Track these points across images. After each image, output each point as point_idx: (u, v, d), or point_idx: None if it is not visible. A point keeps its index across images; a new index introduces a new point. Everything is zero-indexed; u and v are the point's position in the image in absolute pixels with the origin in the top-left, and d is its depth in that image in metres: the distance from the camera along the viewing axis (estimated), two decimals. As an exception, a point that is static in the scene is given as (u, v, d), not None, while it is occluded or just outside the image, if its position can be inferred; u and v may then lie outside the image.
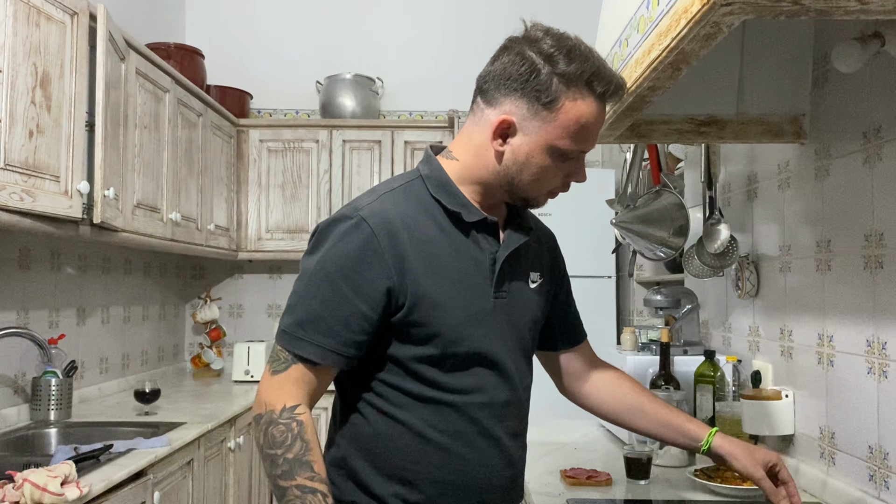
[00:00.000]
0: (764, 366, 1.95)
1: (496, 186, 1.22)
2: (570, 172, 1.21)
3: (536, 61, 1.13)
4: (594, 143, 1.20)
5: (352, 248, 1.15)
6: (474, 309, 1.20)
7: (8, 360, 2.43)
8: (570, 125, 1.14)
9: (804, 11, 0.92)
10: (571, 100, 1.13)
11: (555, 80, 1.13)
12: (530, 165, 1.18)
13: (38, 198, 1.96)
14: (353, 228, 1.16)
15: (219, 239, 3.58)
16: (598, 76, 1.13)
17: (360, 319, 1.15)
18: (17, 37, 1.89)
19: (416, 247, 1.17)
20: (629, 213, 2.35)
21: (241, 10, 4.25)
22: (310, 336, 1.14)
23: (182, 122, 3.11)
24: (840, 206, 1.61)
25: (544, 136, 1.15)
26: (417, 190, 1.22)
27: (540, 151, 1.17)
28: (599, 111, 1.16)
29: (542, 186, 1.21)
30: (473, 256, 1.22)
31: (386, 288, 1.15)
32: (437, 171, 1.23)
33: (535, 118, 1.15)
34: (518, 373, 1.28)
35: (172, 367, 3.89)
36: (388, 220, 1.16)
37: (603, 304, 3.60)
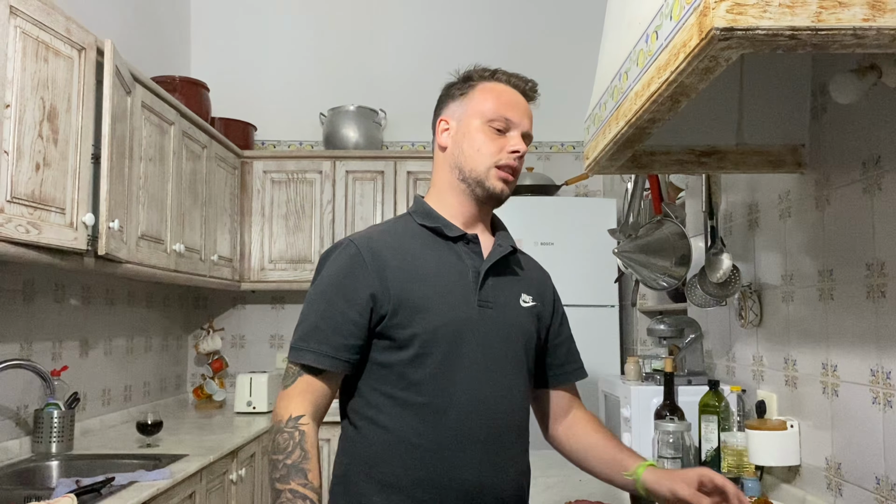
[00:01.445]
0: (769, 395, 1.94)
1: (459, 187, 1.38)
2: (507, 142, 1.36)
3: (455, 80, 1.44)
4: (515, 113, 1.37)
5: (341, 264, 1.33)
6: (457, 315, 1.31)
7: (10, 392, 2.43)
8: (484, 96, 1.38)
9: (801, 45, 0.93)
10: (482, 84, 1.39)
11: (466, 82, 1.41)
12: (469, 138, 1.36)
13: (44, 230, 1.98)
14: (343, 250, 1.34)
15: (222, 269, 3.59)
16: (500, 71, 1.40)
17: (350, 325, 1.29)
18: (25, 72, 1.92)
19: (399, 260, 1.32)
20: (631, 243, 2.36)
21: (245, 44, 4.31)
22: (310, 346, 1.29)
23: (187, 154, 3.13)
24: (841, 236, 1.62)
25: (467, 112, 1.38)
26: (405, 221, 1.42)
27: (472, 124, 1.37)
28: (508, 88, 1.39)
29: (486, 156, 1.35)
30: (457, 269, 1.35)
31: (370, 294, 1.29)
32: (420, 204, 1.43)
33: (459, 107, 1.40)
34: (507, 379, 1.34)
35: (174, 398, 3.88)
36: (373, 241, 1.35)
37: (606, 333, 3.59)
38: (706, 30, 0.91)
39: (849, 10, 0.89)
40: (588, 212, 3.66)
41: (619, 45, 1.41)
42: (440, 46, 4.29)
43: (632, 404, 2.21)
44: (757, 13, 0.90)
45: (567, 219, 3.63)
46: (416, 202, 1.45)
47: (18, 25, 1.89)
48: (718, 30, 0.90)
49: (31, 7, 1.94)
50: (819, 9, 0.89)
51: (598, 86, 1.61)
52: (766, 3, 0.90)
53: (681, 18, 1.00)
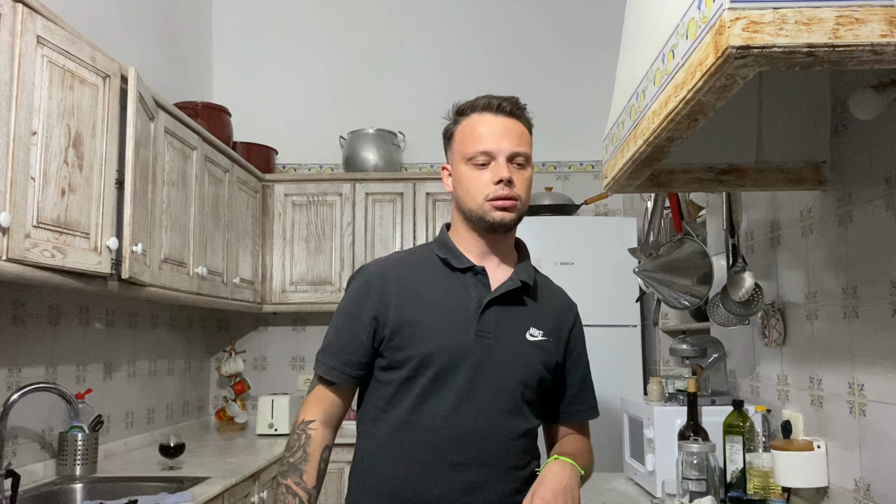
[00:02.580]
0: (794, 415, 1.91)
1: (467, 224, 1.46)
2: (491, 176, 1.40)
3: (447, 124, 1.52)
4: (490, 143, 1.41)
5: (355, 288, 1.47)
6: (451, 342, 1.39)
7: (36, 416, 2.45)
8: (461, 137, 1.45)
9: (818, 63, 0.93)
10: (459, 125, 1.47)
11: (452, 124, 1.50)
12: (459, 182, 1.45)
13: (69, 254, 2.00)
14: (360, 276, 1.49)
15: (244, 292, 3.61)
16: (478, 99, 1.46)
17: (356, 343, 1.43)
18: (51, 100, 1.96)
19: (405, 287, 1.43)
20: (652, 262, 2.35)
21: (266, 70, 4.37)
22: (325, 359, 1.45)
23: (209, 179, 3.17)
24: (865, 253, 1.60)
25: (455, 157, 1.47)
26: (426, 250, 1.52)
27: (458, 168, 1.45)
28: (480, 120, 1.44)
29: (476, 195, 1.41)
30: (461, 298, 1.43)
31: (373, 316, 1.42)
32: (442, 235, 1.52)
33: (450, 152, 1.51)
34: (493, 410, 1.39)
35: (197, 420, 3.89)
36: (384, 269, 1.47)
37: (628, 353, 3.56)
38: (722, 48, 0.91)
39: (866, 27, 0.89)
40: (608, 231, 3.65)
41: (636, 64, 1.41)
42: (457, 69, 4.32)
43: (655, 425, 2.19)
44: (773, 31, 0.90)
45: (587, 238, 3.62)
46: (440, 232, 1.54)
47: (45, 55, 1.94)
48: (735, 48, 0.90)
49: (57, 37, 1.98)
50: (836, 25, 0.89)
51: (616, 105, 1.61)
52: (783, 20, 0.90)
53: (697, 37, 1.01)
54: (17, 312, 2.38)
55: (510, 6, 4.38)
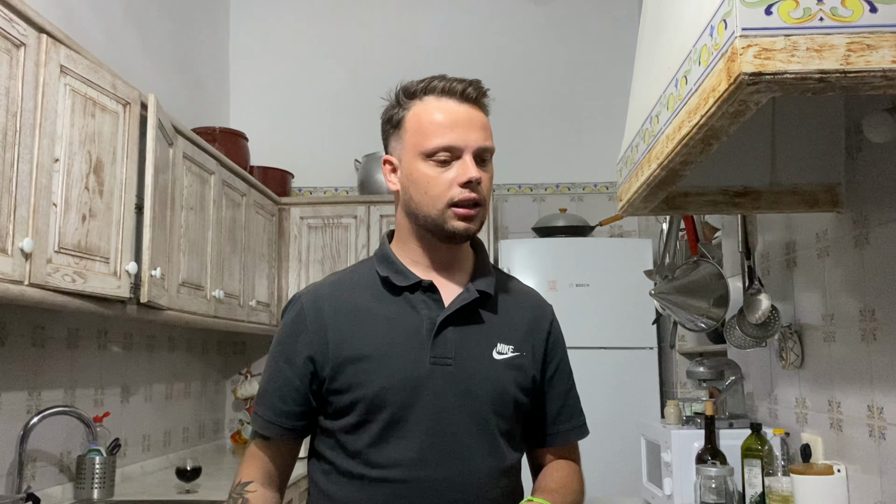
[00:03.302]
0: (813, 439, 1.90)
1: (418, 232, 1.23)
2: (456, 175, 1.17)
3: (387, 106, 1.26)
4: (456, 134, 1.17)
5: (286, 324, 1.25)
6: (403, 374, 1.16)
7: (55, 439, 2.47)
8: (418, 126, 1.19)
9: (830, 88, 0.94)
10: (412, 109, 1.21)
11: (399, 108, 1.23)
12: (413, 181, 1.19)
13: (89, 279, 2.03)
14: (290, 308, 1.25)
15: (260, 315, 3.63)
16: (434, 79, 1.21)
17: (291, 390, 1.21)
18: (73, 127, 2.00)
19: (342, 316, 1.21)
20: (668, 284, 2.34)
21: (282, 95, 4.43)
22: (259, 409, 1.24)
23: (226, 203, 3.21)
24: (882, 275, 1.59)
25: (407, 150, 1.20)
26: (364, 267, 1.29)
27: (412, 164, 1.19)
28: (440, 107, 1.18)
29: (436, 198, 1.17)
30: (410, 322, 1.20)
31: (307, 356, 1.20)
32: (382, 247, 1.28)
33: (398, 143, 1.23)
34: (465, 448, 1.17)
35: (213, 443, 3.90)
36: (318, 296, 1.24)
37: (645, 376, 3.54)
38: (734, 75, 0.92)
39: (877, 53, 0.90)
40: (623, 252, 3.64)
41: (649, 88, 1.43)
42: (472, 92, 4.36)
43: (672, 449, 2.17)
44: (785, 57, 0.91)
45: (602, 260, 3.62)
46: (381, 244, 1.29)
47: (68, 83, 1.98)
48: (747, 75, 0.91)
49: (80, 66, 2.02)
50: (847, 52, 0.90)
51: (630, 128, 1.63)
52: (794, 47, 0.91)
53: (709, 64, 1.02)
54: (37, 336, 2.41)
55: (524, 29, 4.42)
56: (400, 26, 4.45)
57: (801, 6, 0.92)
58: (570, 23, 4.36)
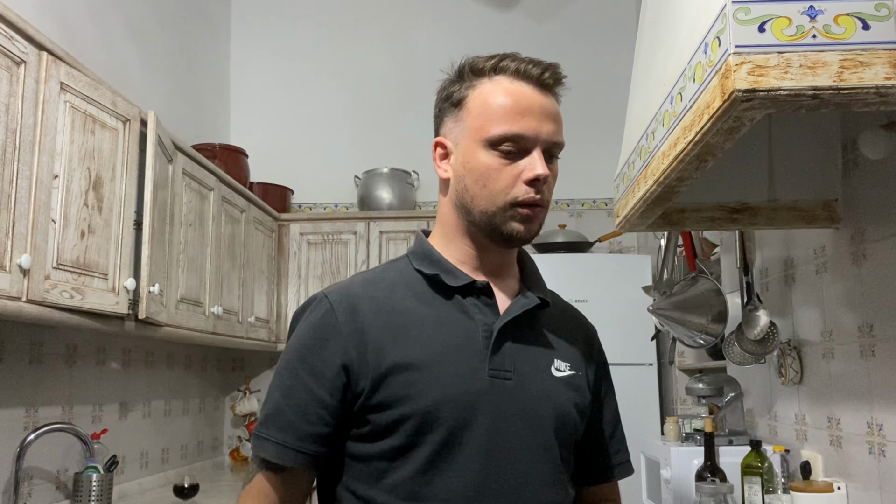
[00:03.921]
0: (813, 456, 1.89)
1: (468, 230, 1.06)
2: (522, 170, 1.01)
3: (447, 79, 1.10)
4: (528, 123, 1.01)
5: (309, 327, 1.03)
6: (460, 388, 0.97)
7: (52, 456, 2.46)
8: (486, 108, 1.02)
9: (824, 105, 0.94)
10: (480, 88, 1.04)
11: (462, 84, 1.06)
12: (471, 171, 1.02)
13: (87, 295, 2.03)
14: (314, 309, 1.04)
15: (259, 331, 3.63)
16: (507, 57, 1.04)
17: (317, 407, 0.98)
18: (73, 144, 2.00)
19: (383, 318, 1.00)
20: (666, 300, 2.34)
21: (282, 111, 4.45)
22: (270, 433, 0.99)
23: (226, 219, 3.21)
24: (880, 291, 1.59)
25: (468, 134, 1.03)
26: (400, 266, 1.10)
27: (472, 150, 1.02)
28: (518, 87, 1.02)
29: (496, 194, 1.01)
30: (463, 328, 1.01)
31: (341, 365, 0.98)
32: (420, 244, 1.10)
33: (456, 125, 1.05)
34: (533, 481, 1.00)
35: (211, 460, 3.88)
36: (351, 295, 1.03)
37: (645, 392, 3.53)
38: (728, 92, 0.93)
39: (870, 70, 0.90)
40: (622, 268, 3.64)
41: (645, 105, 1.43)
42: (471, 109, 4.37)
43: (672, 466, 2.16)
44: (778, 74, 0.92)
45: (601, 276, 3.62)
46: (416, 240, 1.12)
47: (68, 100, 1.99)
48: (741, 91, 0.92)
49: (80, 83, 2.03)
50: (840, 69, 0.91)
51: (626, 145, 1.63)
52: (787, 64, 0.92)
53: (703, 80, 1.02)
54: (35, 353, 2.40)
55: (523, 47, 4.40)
56: (398, 44, 4.47)
57: (794, 23, 0.93)
58: (568, 41, 4.38)
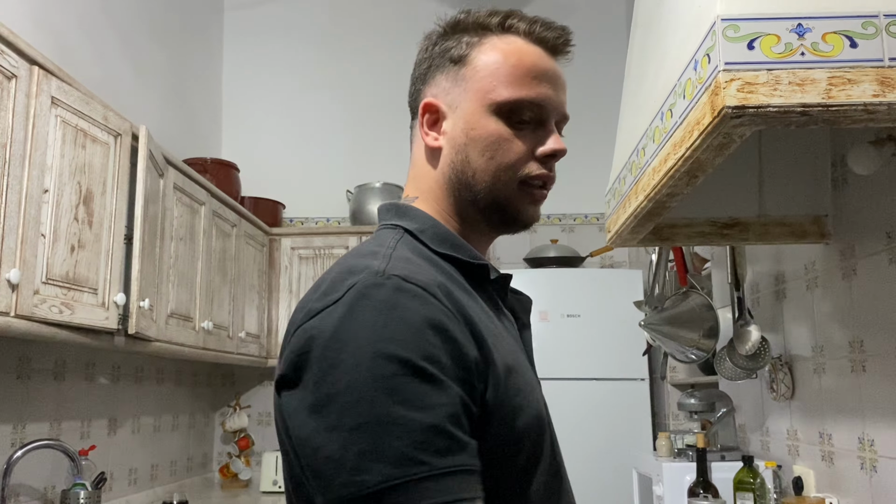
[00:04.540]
0: (805, 471, 1.89)
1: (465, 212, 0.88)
2: (536, 143, 0.85)
3: (438, 31, 0.91)
4: (546, 90, 0.86)
5: (415, 315, 0.70)
6: (538, 397, 0.82)
7: (39, 473, 2.43)
8: (499, 68, 0.85)
9: (813, 122, 0.95)
10: (489, 45, 0.86)
11: (463, 36, 0.88)
12: (475, 140, 0.84)
13: (77, 310, 2.02)
14: (398, 292, 0.71)
15: (249, 346, 3.61)
16: (514, 15, 0.88)
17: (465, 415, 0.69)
18: (64, 158, 2.00)
19: (468, 304, 0.77)
20: (658, 315, 2.34)
21: (274, 126, 4.45)
22: (434, 464, 0.64)
23: (216, 233, 3.20)
24: (870, 307, 1.60)
25: (473, 96, 0.85)
26: (415, 247, 0.83)
27: (477, 116, 0.85)
28: (533, 50, 0.86)
29: (507, 168, 0.84)
30: (507, 327, 0.85)
31: (472, 359, 0.72)
32: (429, 221, 0.86)
33: (456, 84, 0.87)
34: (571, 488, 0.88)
35: (201, 477, 3.85)
36: (432, 276, 0.76)
37: (637, 407, 3.52)
38: (718, 108, 0.94)
39: (858, 87, 0.91)
40: (614, 283, 3.65)
41: (636, 121, 1.44)
42: (463, 124, 4.39)
43: (664, 482, 2.15)
44: (767, 91, 0.92)
45: (593, 290, 3.62)
46: (414, 216, 0.87)
47: (59, 115, 1.98)
48: (730, 108, 0.93)
49: (71, 97, 2.03)
50: (829, 86, 0.92)
51: (617, 160, 1.64)
52: (776, 81, 0.92)
53: (693, 97, 1.03)
54: (22, 368, 2.38)
55: (514, 63, 4.46)
56: (390, 59, 4.49)
57: (782, 41, 0.93)
58: (560, 56, 4.41)
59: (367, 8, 4.56)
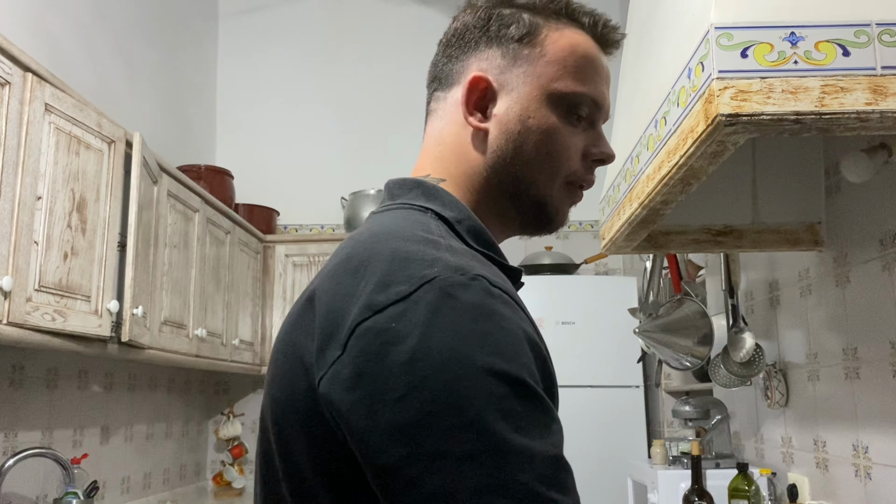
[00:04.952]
0: (800, 479, 1.88)
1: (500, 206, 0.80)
2: (588, 144, 0.80)
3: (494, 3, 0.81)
4: (606, 91, 0.82)
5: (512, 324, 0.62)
6: None
7: (31, 481, 2.42)
8: (568, 56, 0.78)
9: (806, 130, 0.95)
10: (556, 30, 0.79)
11: (523, 13, 0.79)
12: (532, 131, 0.77)
13: (69, 318, 2.01)
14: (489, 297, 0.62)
15: (243, 354, 3.60)
16: (576, 5, 0.81)
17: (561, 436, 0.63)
18: (57, 165, 1.99)
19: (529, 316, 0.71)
20: (652, 322, 2.34)
21: (269, 133, 4.45)
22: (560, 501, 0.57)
23: (210, 240, 3.19)
24: (863, 314, 1.60)
25: (535, 81, 0.78)
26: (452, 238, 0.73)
27: (537, 104, 0.77)
28: (596, 48, 0.81)
29: (558, 165, 0.78)
30: None
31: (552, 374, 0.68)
32: (465, 212, 0.77)
33: (516, 63, 0.78)
34: None
35: (194, 485, 3.83)
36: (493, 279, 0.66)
37: (631, 415, 3.52)
38: (712, 116, 0.94)
39: (851, 95, 0.91)
40: (608, 290, 3.65)
41: (630, 129, 1.44)
42: (458, 131, 4.39)
43: (659, 489, 2.15)
44: (761, 99, 0.92)
45: (588, 298, 3.62)
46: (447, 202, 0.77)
47: (53, 122, 1.98)
48: (724, 116, 0.93)
49: (65, 104, 2.03)
50: (822, 94, 0.92)
51: (612, 168, 1.64)
52: (770, 89, 0.93)
53: (687, 105, 1.03)
54: (15, 376, 2.37)
55: (508, 71, 4.47)
56: (384, 66, 4.50)
57: (776, 49, 0.94)
58: (555, 64, 4.42)
59: (361, 15, 4.57)
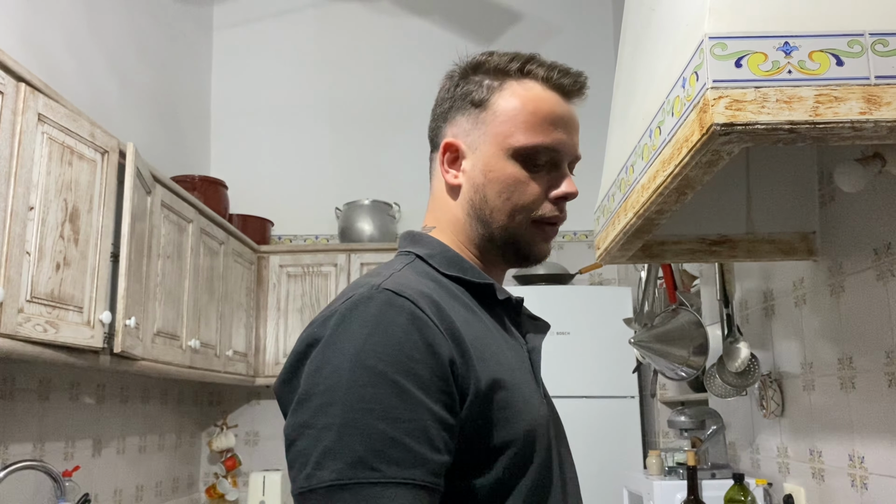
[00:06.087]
0: (796, 489, 1.88)
1: (483, 247, 0.94)
2: (550, 185, 0.93)
3: (460, 73, 0.97)
4: (561, 135, 0.92)
5: (398, 329, 0.76)
6: (538, 413, 0.85)
7: (21, 495, 2.39)
8: (517, 114, 0.91)
9: (800, 139, 0.95)
10: (508, 91, 0.92)
11: (484, 79, 0.94)
12: (493, 182, 0.91)
13: (61, 329, 1.99)
14: (387, 306, 0.78)
15: (237, 365, 3.58)
16: (534, 61, 0.93)
17: (440, 429, 0.74)
18: (50, 175, 1.98)
19: (463, 319, 0.83)
20: (647, 332, 2.34)
21: (263, 143, 4.44)
22: (386, 473, 0.70)
23: (204, 251, 3.18)
24: (858, 323, 1.60)
25: (493, 140, 0.92)
26: (424, 270, 0.90)
27: (496, 159, 0.91)
28: (549, 96, 0.92)
29: (520, 209, 0.91)
30: (513, 344, 0.90)
31: (451, 373, 0.77)
32: (440, 247, 0.93)
33: (476, 126, 0.93)
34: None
35: (187, 497, 3.80)
36: (422, 291, 0.82)
37: (627, 425, 3.51)
38: (706, 125, 0.94)
39: (845, 105, 0.92)
40: (603, 300, 3.65)
41: (625, 138, 1.44)
42: (452, 141, 4.40)
43: (655, 500, 2.14)
44: (755, 109, 0.93)
45: (582, 308, 3.62)
46: (425, 243, 0.94)
47: (46, 132, 1.97)
48: (718, 125, 0.93)
49: (58, 114, 2.02)
50: (816, 104, 0.92)
51: (606, 177, 1.64)
52: (764, 98, 0.93)
53: (682, 115, 1.03)
54: (6, 388, 2.35)
55: (503, 81, 4.48)
56: (379, 77, 4.50)
57: (770, 59, 0.94)
58: (549, 74, 4.43)
59: (354, 28, 4.58)
